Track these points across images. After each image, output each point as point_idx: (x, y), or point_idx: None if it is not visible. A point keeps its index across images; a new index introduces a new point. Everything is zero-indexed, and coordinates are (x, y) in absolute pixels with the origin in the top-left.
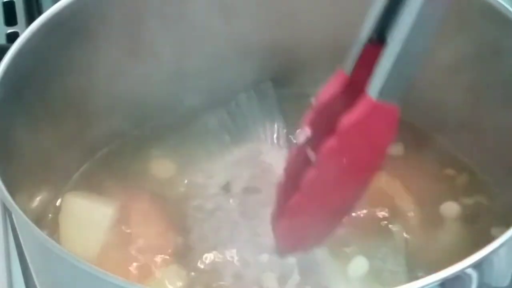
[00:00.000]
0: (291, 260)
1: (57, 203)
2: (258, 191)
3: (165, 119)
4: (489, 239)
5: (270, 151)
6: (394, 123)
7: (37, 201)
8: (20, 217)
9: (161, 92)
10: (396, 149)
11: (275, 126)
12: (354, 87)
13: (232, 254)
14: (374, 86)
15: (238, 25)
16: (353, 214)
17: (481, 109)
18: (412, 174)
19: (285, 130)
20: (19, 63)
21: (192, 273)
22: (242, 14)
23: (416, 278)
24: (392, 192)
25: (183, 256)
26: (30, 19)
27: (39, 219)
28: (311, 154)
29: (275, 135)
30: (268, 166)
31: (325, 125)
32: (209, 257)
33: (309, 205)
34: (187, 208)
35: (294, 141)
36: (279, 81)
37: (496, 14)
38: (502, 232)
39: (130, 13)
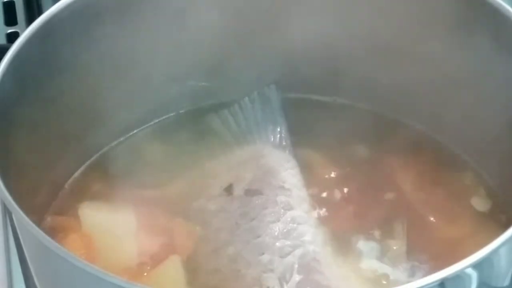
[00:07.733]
0: (292, 260)
1: (57, 204)
2: (260, 193)
3: (167, 118)
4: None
5: (272, 154)
6: None
7: (37, 201)
8: (20, 217)
9: (163, 93)
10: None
11: (278, 129)
12: None
13: (233, 254)
14: None
15: (244, 26)
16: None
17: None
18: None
19: (287, 134)
20: (19, 63)
21: (194, 273)
22: (249, 16)
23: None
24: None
25: (185, 256)
26: (30, 19)
27: (39, 219)
28: None
29: (277, 138)
30: (270, 168)
31: None
32: (211, 257)
33: None
34: (190, 208)
35: None
36: (283, 85)
37: (496, 14)
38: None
39: (130, 13)
